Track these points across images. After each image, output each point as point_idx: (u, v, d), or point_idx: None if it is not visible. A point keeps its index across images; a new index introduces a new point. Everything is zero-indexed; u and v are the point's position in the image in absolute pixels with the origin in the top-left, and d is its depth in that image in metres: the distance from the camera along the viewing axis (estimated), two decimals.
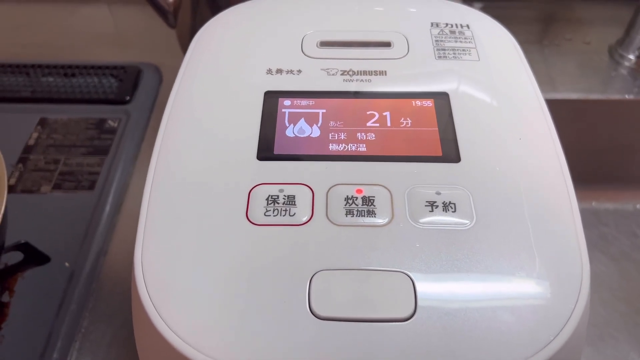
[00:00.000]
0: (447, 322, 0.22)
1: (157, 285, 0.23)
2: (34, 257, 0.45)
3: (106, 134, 0.55)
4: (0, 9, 0.74)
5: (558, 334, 0.22)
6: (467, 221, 0.25)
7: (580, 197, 0.75)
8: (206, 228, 0.24)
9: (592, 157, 0.67)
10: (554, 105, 0.61)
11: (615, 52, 0.63)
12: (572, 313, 0.22)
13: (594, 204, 0.67)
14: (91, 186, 0.51)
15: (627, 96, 0.59)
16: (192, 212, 0.25)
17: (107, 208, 0.50)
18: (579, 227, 0.25)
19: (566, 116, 0.62)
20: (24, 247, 0.44)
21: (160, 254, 0.24)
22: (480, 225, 0.24)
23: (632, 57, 0.62)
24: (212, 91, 0.30)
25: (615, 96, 0.60)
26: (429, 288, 0.22)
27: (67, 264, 0.46)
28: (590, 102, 0.60)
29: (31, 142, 0.55)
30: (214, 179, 0.26)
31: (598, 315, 0.56)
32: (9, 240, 0.43)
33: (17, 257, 0.45)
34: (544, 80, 0.62)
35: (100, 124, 0.56)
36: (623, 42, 0.62)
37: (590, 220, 0.66)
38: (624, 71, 0.62)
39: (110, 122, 0.57)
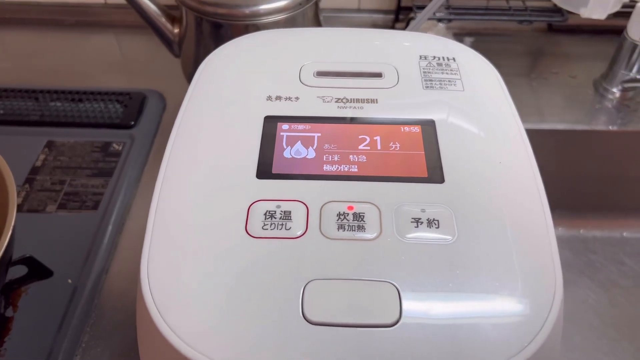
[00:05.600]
0: (429, 328, 0.23)
1: (162, 293, 0.25)
2: (37, 271, 0.47)
3: (111, 157, 0.58)
4: (11, 36, 0.77)
5: (532, 340, 0.23)
6: (450, 237, 0.27)
7: (568, 224, 0.77)
8: (208, 240, 0.26)
9: (580, 186, 0.69)
10: (541, 135, 0.64)
11: (599, 85, 0.66)
12: (545, 322, 0.24)
13: (581, 231, 0.69)
14: (95, 206, 0.53)
15: (611, 127, 0.62)
16: (196, 225, 0.27)
17: (110, 228, 0.51)
18: (553, 242, 0.27)
19: (553, 146, 0.65)
20: (29, 261, 0.46)
21: (165, 265, 0.26)
22: (462, 240, 0.26)
23: (615, 90, 0.64)
24: (215, 115, 0.32)
25: (600, 127, 0.62)
26: (413, 297, 0.24)
27: (69, 281, 0.47)
28: (577, 133, 0.63)
29: (38, 163, 0.57)
30: (216, 195, 0.28)
31: (587, 340, 0.57)
32: (14, 257, 0.45)
33: (20, 272, 0.47)
34: (532, 111, 0.64)
35: (105, 147, 0.58)
36: (607, 76, 0.65)
37: (578, 247, 0.68)
38: (608, 104, 0.64)
39: (115, 146, 0.59)
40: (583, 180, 0.68)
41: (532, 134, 0.68)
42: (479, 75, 0.36)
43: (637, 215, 0.70)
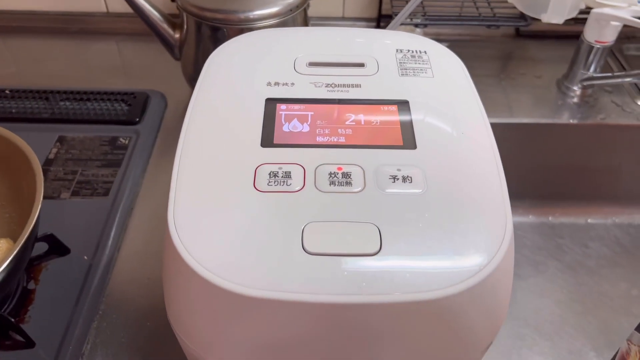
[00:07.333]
0: (404, 256, 0.29)
1: (186, 235, 0.30)
2: (57, 248, 0.51)
3: (118, 149, 0.63)
4: (18, 43, 0.82)
5: (489, 262, 0.29)
6: (420, 190, 0.32)
7: (538, 212, 0.83)
8: (224, 194, 0.32)
9: (547, 176, 0.75)
10: (511, 129, 0.70)
11: (562, 84, 0.72)
12: (499, 247, 0.30)
13: (550, 218, 0.75)
14: (105, 193, 0.58)
15: (571, 121, 0.69)
16: (213, 183, 0.33)
17: (120, 211, 0.56)
18: (504, 192, 0.33)
19: (522, 138, 0.71)
20: (49, 239, 0.51)
21: (188, 213, 0.31)
22: (430, 192, 0.32)
23: (576, 88, 0.71)
24: (225, 98, 0.38)
25: (563, 121, 0.69)
26: (391, 233, 0.30)
27: (85, 257, 0.52)
28: (542, 126, 0.70)
29: (51, 156, 0.62)
30: (229, 160, 0.34)
31: (555, 314, 0.63)
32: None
33: (40, 250, 0.52)
34: (502, 108, 0.71)
35: (112, 141, 0.64)
36: (568, 76, 0.71)
37: (547, 233, 0.74)
38: (569, 100, 0.71)
39: (122, 140, 0.64)
40: (549, 170, 0.74)
41: (503, 128, 0.74)
42: (446, 64, 0.42)
43: (599, 203, 0.76)
